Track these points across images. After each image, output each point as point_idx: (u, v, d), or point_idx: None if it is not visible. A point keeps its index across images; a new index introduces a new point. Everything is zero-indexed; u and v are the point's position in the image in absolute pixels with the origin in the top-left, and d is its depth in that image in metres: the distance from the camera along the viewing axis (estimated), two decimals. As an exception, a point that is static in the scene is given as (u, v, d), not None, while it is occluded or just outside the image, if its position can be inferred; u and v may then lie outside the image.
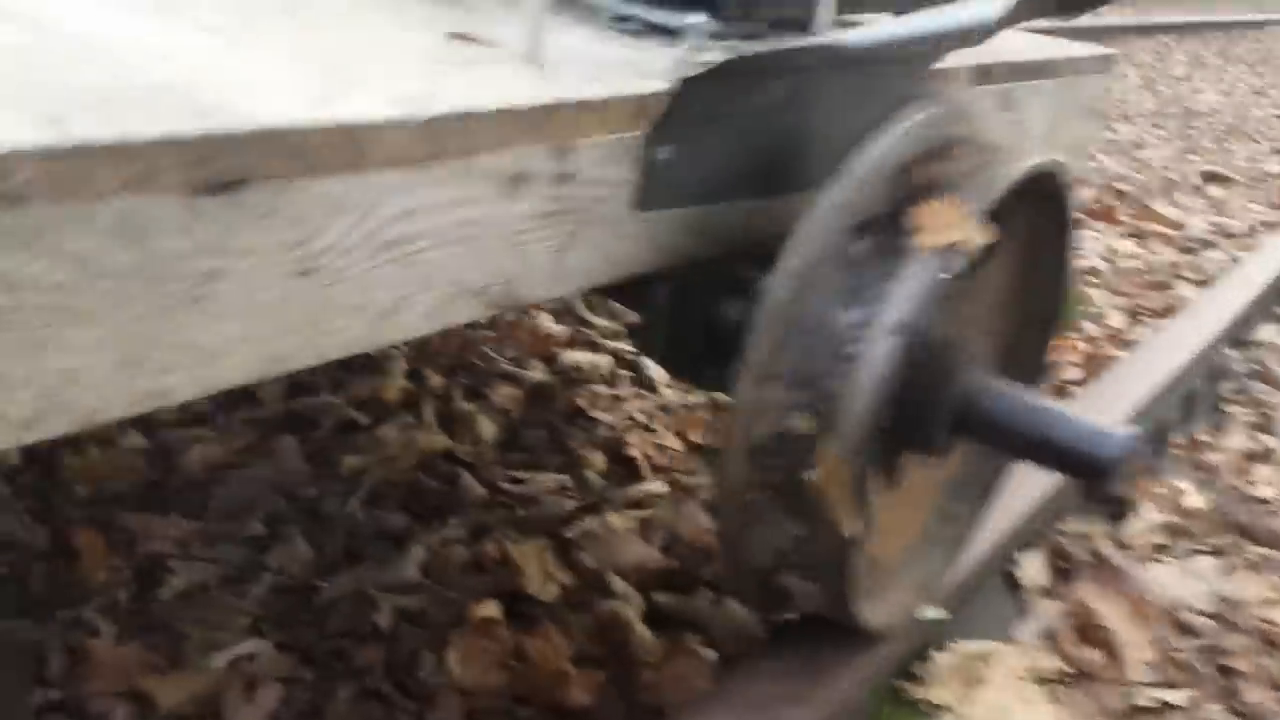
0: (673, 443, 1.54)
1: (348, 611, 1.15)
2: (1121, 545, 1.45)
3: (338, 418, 1.46)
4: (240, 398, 1.46)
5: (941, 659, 1.16)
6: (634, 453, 1.49)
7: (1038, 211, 0.98)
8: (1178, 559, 1.45)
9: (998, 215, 0.83)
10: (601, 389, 1.63)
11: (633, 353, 1.76)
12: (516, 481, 1.40)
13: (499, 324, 1.78)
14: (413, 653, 1.11)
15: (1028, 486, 1.35)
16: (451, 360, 1.63)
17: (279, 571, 1.18)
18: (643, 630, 1.18)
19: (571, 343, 1.75)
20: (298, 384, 1.51)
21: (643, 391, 1.66)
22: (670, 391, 1.67)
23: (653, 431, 1.56)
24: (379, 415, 1.48)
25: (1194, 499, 1.56)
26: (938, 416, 0.88)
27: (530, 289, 0.75)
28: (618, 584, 1.25)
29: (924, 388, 0.87)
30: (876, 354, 0.77)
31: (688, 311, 0.99)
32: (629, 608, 1.21)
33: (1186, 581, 1.41)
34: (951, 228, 0.78)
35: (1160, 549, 1.47)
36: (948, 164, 0.82)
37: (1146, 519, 1.49)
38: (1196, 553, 1.48)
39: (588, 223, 0.77)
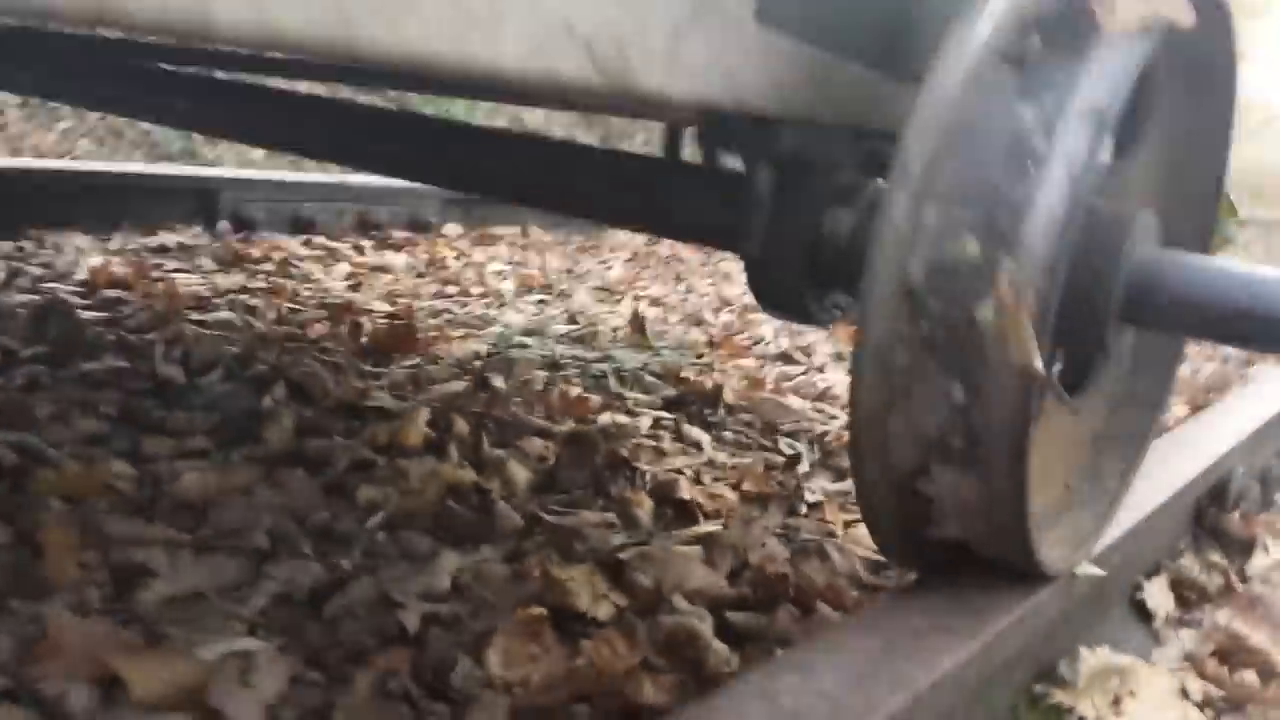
0: (727, 493, 1.37)
1: (366, 615, 0.95)
2: (1245, 578, 1.26)
3: (352, 458, 1.29)
4: (242, 435, 1.30)
5: (1084, 663, 0.96)
6: (685, 496, 1.32)
7: (1197, 66, 0.87)
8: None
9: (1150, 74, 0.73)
10: (645, 441, 1.47)
11: (672, 418, 1.61)
12: (557, 514, 1.22)
13: (527, 390, 1.64)
14: (444, 657, 0.91)
15: (1136, 505, 1.18)
16: (479, 413, 1.48)
17: (285, 582, 1.00)
18: (718, 645, 0.99)
19: (606, 408, 1.60)
20: (306, 426, 1.36)
21: (688, 448, 1.51)
22: (719, 452, 1.52)
23: (702, 484, 1.40)
24: (398, 458, 1.31)
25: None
26: (1109, 296, 0.73)
27: (642, 68, 0.64)
28: (682, 602, 1.06)
29: (1090, 262, 0.73)
30: (1068, 146, 0.64)
31: (790, 220, 0.87)
32: (700, 623, 1.01)
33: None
34: (1145, 3, 0.67)
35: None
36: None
37: (1273, 555, 1.31)
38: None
39: (709, 7, 0.67)
